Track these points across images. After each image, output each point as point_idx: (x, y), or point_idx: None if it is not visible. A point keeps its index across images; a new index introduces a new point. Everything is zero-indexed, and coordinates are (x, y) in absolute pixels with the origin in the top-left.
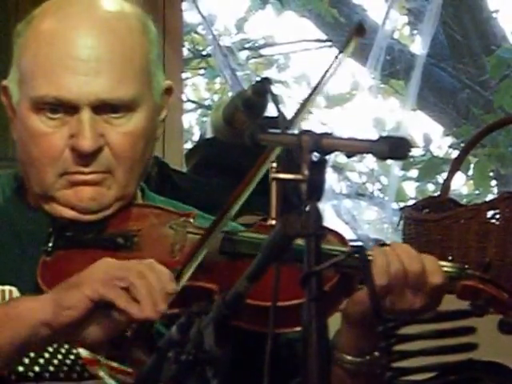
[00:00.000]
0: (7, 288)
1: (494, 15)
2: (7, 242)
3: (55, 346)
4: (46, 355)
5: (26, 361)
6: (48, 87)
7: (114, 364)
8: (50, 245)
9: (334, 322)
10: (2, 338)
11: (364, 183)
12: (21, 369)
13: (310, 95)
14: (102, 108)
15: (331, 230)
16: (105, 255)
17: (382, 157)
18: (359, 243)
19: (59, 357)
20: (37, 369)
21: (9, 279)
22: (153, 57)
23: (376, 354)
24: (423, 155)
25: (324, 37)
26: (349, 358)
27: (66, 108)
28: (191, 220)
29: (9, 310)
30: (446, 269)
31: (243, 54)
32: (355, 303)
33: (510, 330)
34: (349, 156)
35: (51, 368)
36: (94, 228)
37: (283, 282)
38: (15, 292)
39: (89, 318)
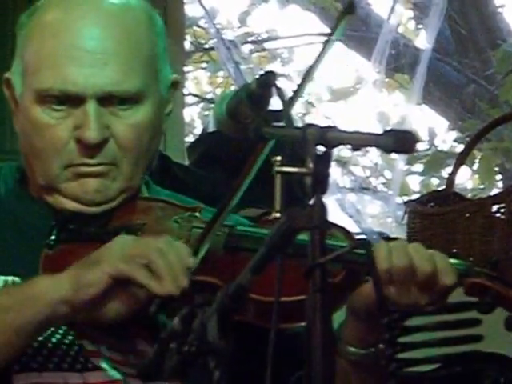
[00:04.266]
0: (10, 278)
1: (500, 10)
2: (10, 234)
3: (59, 336)
4: (50, 346)
5: (30, 351)
6: (53, 80)
7: (117, 356)
8: (53, 238)
9: (339, 313)
10: (22, 317)
11: (368, 177)
12: (24, 359)
13: (304, 79)
14: (108, 100)
15: (337, 225)
16: None
17: (387, 150)
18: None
19: (63, 347)
20: (40, 359)
21: (12, 270)
22: (159, 50)
23: (381, 346)
24: (428, 149)
25: (328, 30)
26: (353, 349)
27: (72, 100)
28: (197, 214)
29: (28, 290)
30: (453, 266)
31: (246, 48)
32: (360, 296)
33: None
34: (354, 149)
35: (55, 359)
36: (98, 221)
37: (288, 277)
38: (18, 282)
39: (109, 295)
